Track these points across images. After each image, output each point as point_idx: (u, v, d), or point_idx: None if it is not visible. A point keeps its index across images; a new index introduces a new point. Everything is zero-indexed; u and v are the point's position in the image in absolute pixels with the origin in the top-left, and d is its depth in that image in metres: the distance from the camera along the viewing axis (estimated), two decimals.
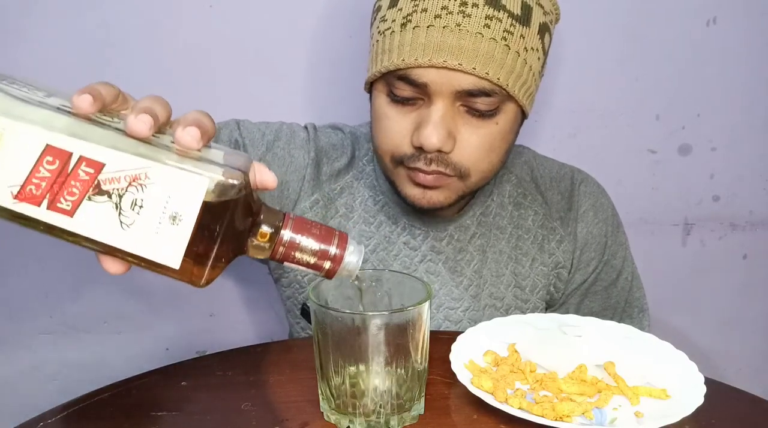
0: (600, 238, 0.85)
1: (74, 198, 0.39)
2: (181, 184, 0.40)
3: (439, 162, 0.69)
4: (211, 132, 0.44)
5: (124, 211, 0.40)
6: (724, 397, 0.62)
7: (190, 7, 0.97)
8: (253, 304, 1.16)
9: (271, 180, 0.47)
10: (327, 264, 0.46)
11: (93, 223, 0.40)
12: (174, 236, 0.40)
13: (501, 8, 0.66)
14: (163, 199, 0.40)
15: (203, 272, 0.42)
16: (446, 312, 0.82)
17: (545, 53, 0.73)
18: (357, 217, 0.82)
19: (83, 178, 0.39)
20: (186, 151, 0.41)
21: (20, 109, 0.39)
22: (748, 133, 1.16)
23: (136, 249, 0.41)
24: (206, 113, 0.46)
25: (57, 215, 0.39)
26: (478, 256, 0.83)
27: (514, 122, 0.72)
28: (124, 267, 0.43)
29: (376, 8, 0.74)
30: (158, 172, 0.40)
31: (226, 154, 0.44)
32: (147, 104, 0.43)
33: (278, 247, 0.45)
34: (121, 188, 0.39)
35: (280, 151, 0.81)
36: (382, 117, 0.71)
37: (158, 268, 0.42)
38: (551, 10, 0.73)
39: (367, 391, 0.53)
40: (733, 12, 1.08)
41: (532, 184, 0.86)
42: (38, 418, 0.57)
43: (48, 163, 0.38)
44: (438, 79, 0.66)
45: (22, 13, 0.94)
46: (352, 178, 0.83)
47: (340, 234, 0.47)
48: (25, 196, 0.39)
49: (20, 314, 1.08)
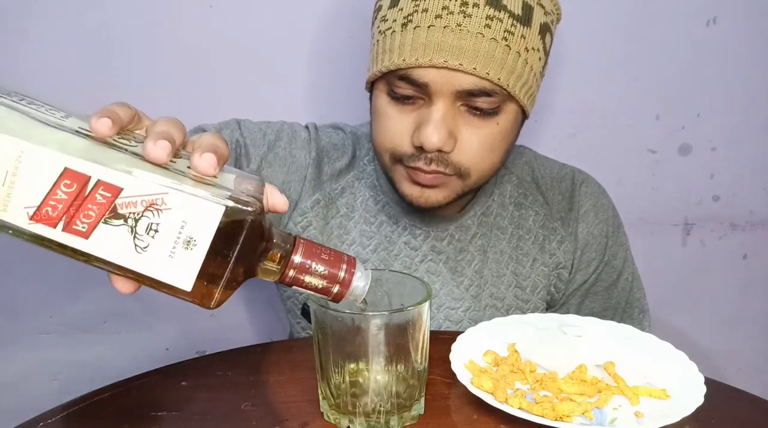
0: (601, 239, 0.85)
1: (90, 221, 0.40)
2: (197, 210, 0.40)
3: (439, 162, 0.69)
4: (226, 156, 0.45)
5: (139, 235, 0.40)
6: (724, 397, 0.62)
7: (190, 7, 0.97)
8: (253, 304, 1.16)
9: (282, 203, 0.47)
10: (335, 288, 0.47)
11: (108, 246, 0.40)
12: (187, 260, 0.41)
13: (502, 8, 0.66)
14: (178, 225, 0.41)
15: (214, 295, 0.43)
16: (447, 312, 0.83)
17: (546, 53, 0.73)
18: (358, 217, 0.82)
19: (100, 201, 0.39)
20: (202, 177, 0.42)
21: (39, 131, 0.39)
22: (748, 133, 1.16)
23: (150, 271, 0.42)
24: (220, 136, 0.46)
25: (72, 237, 0.40)
26: (479, 256, 0.83)
27: (514, 122, 0.72)
28: (135, 288, 0.43)
29: (377, 8, 0.74)
30: (175, 199, 0.40)
31: (237, 177, 0.45)
32: (164, 129, 0.43)
33: (288, 271, 0.46)
34: (137, 213, 0.40)
35: (282, 150, 0.81)
36: (383, 116, 0.71)
37: (170, 290, 0.43)
38: (552, 10, 0.73)
39: (367, 391, 0.53)
40: (733, 12, 1.08)
41: (533, 185, 0.86)
42: (38, 418, 0.57)
43: (65, 186, 0.39)
44: (439, 79, 0.66)
45: (22, 13, 0.94)
46: (353, 177, 0.83)
47: (349, 259, 0.48)
48: (41, 218, 0.39)
49: (20, 314, 1.08)
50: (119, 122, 0.42)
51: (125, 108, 0.44)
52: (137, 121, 0.46)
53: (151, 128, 0.44)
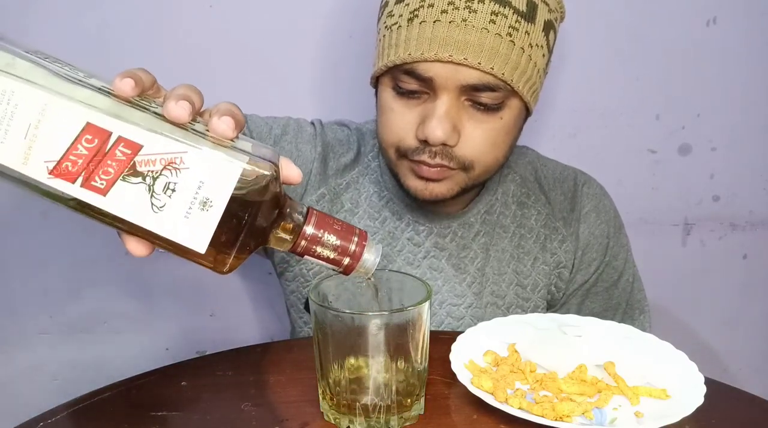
0: (602, 239, 0.85)
1: (109, 177, 0.40)
2: (215, 170, 0.40)
3: (443, 155, 0.70)
4: (243, 123, 0.45)
5: (156, 194, 0.40)
6: (724, 397, 0.62)
7: (190, 7, 0.98)
8: (253, 304, 1.16)
9: (297, 175, 0.47)
10: (346, 260, 0.47)
11: (125, 204, 0.40)
12: (203, 221, 0.41)
13: (506, 4, 0.67)
14: (195, 184, 0.41)
15: (227, 259, 0.43)
16: (449, 308, 0.83)
17: (550, 51, 0.73)
18: (362, 212, 0.83)
19: (120, 158, 0.39)
20: (220, 139, 0.42)
21: (63, 86, 0.39)
22: (748, 133, 1.16)
23: (165, 231, 0.41)
24: (236, 104, 0.47)
25: (90, 193, 0.40)
26: (481, 254, 0.83)
27: (518, 118, 0.73)
28: (148, 250, 0.43)
29: (383, 3, 0.75)
30: (193, 158, 0.40)
31: (254, 146, 0.45)
32: (184, 91, 0.43)
33: (300, 240, 0.46)
34: (155, 171, 0.40)
35: (288, 145, 0.82)
36: (388, 110, 0.72)
37: (183, 252, 0.42)
38: (556, 8, 0.73)
39: (367, 391, 0.53)
40: (733, 12, 1.08)
41: (536, 184, 0.86)
42: (38, 418, 0.57)
43: (87, 141, 0.39)
44: (443, 73, 0.67)
45: (22, 13, 0.94)
46: (358, 173, 0.84)
47: (360, 232, 0.48)
48: (61, 172, 0.39)
49: (20, 314, 1.08)
50: (141, 84, 0.42)
51: (147, 73, 0.45)
52: (156, 89, 0.47)
53: (171, 91, 0.44)
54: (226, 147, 0.42)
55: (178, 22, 0.98)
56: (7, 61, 0.39)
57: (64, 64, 0.42)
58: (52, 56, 0.43)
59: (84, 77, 0.41)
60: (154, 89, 0.47)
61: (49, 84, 0.39)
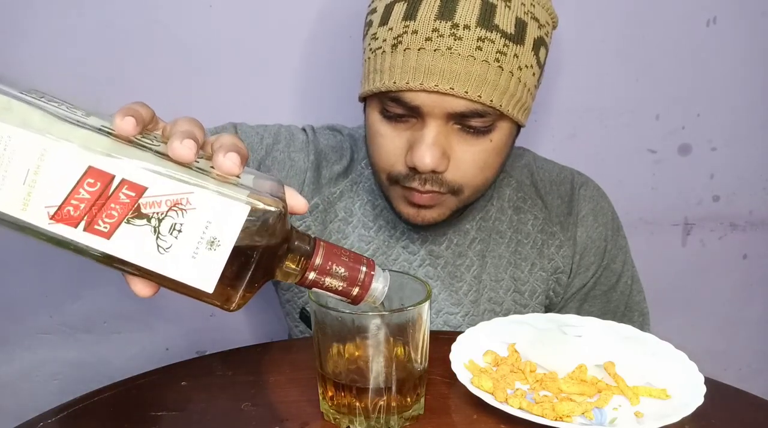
0: (600, 243, 0.84)
1: (113, 221, 0.39)
2: (222, 210, 0.40)
3: (433, 181, 0.69)
4: (247, 156, 0.45)
5: (162, 235, 0.40)
6: (724, 397, 0.62)
7: (190, 7, 0.97)
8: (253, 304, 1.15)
9: (302, 205, 0.46)
10: (355, 290, 0.47)
11: (130, 247, 0.40)
12: (210, 261, 0.41)
13: (494, 28, 0.66)
14: (202, 225, 0.40)
15: (235, 297, 0.43)
16: (446, 317, 0.82)
17: (541, 66, 0.73)
18: (356, 221, 0.82)
19: (124, 201, 0.39)
20: (225, 177, 0.42)
21: (62, 129, 0.38)
22: (748, 133, 1.16)
23: (172, 273, 0.41)
24: (237, 136, 0.46)
25: (93, 237, 0.39)
26: (477, 261, 0.82)
27: (508, 137, 0.72)
28: (154, 290, 0.43)
29: (367, 22, 0.73)
30: (200, 198, 0.39)
31: (256, 178, 0.44)
32: (188, 128, 0.42)
33: (308, 273, 0.46)
34: (161, 212, 0.39)
35: (280, 154, 0.81)
36: (376, 134, 0.71)
37: (191, 292, 0.42)
38: (547, 21, 0.72)
39: (367, 391, 0.53)
40: (733, 12, 1.08)
41: (532, 188, 0.85)
42: (38, 418, 0.57)
43: (89, 185, 0.38)
44: (430, 103, 0.66)
45: (22, 13, 0.94)
46: (351, 181, 0.83)
47: (368, 262, 0.47)
48: (62, 217, 0.38)
49: (20, 314, 1.08)
50: (142, 121, 0.42)
51: (146, 107, 0.44)
52: (155, 122, 0.46)
53: (173, 127, 0.43)
54: (232, 184, 0.41)
55: (178, 22, 0.98)
56: (3, 104, 0.38)
57: (61, 103, 0.41)
58: (48, 95, 0.42)
59: (82, 116, 0.40)
60: (153, 123, 0.46)
61: (48, 127, 0.38)
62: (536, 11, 0.69)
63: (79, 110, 0.41)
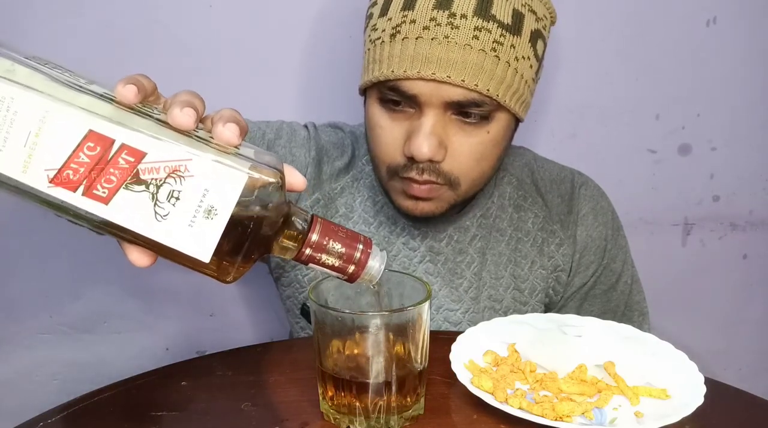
0: (600, 242, 0.85)
1: (111, 185, 0.39)
2: (220, 178, 0.40)
3: (431, 171, 0.69)
4: (246, 129, 0.45)
5: (160, 202, 0.40)
6: (724, 397, 0.62)
7: (190, 7, 0.97)
8: (253, 304, 1.16)
9: (301, 181, 0.46)
10: (351, 268, 0.47)
11: (127, 212, 0.40)
12: (207, 230, 0.40)
13: (490, 18, 0.66)
14: (200, 192, 0.40)
15: (231, 268, 0.43)
16: (446, 313, 0.82)
17: (539, 59, 0.73)
18: (357, 217, 0.82)
19: (123, 166, 0.39)
20: (224, 147, 0.42)
21: (64, 93, 0.38)
22: (748, 133, 1.16)
23: (168, 240, 0.41)
24: (237, 110, 0.46)
25: (91, 202, 0.39)
26: (477, 258, 0.82)
27: (506, 130, 0.72)
28: (151, 260, 0.43)
29: (368, 14, 0.74)
30: (198, 165, 0.40)
31: (257, 152, 0.44)
32: (188, 98, 0.43)
33: (305, 249, 0.45)
34: (159, 179, 0.39)
35: (281, 149, 0.81)
36: (375, 126, 0.72)
37: (187, 261, 0.42)
38: (545, 15, 0.72)
39: (366, 391, 0.53)
40: (733, 12, 1.08)
41: (533, 187, 0.86)
42: (38, 418, 0.57)
43: (89, 149, 0.38)
44: (427, 91, 0.67)
45: (22, 13, 0.94)
46: (352, 177, 0.83)
47: (365, 240, 0.47)
48: (61, 181, 0.38)
49: (20, 314, 1.08)
50: (144, 90, 0.42)
51: (148, 79, 0.45)
52: (156, 96, 0.47)
53: (174, 98, 0.44)
54: (231, 154, 0.41)
55: (178, 22, 0.98)
56: (7, 67, 0.38)
57: (64, 70, 0.41)
58: (52, 62, 0.42)
59: (85, 84, 0.41)
60: (154, 96, 0.46)
61: (50, 90, 0.38)
62: (533, 4, 0.70)
63: (82, 78, 0.42)
